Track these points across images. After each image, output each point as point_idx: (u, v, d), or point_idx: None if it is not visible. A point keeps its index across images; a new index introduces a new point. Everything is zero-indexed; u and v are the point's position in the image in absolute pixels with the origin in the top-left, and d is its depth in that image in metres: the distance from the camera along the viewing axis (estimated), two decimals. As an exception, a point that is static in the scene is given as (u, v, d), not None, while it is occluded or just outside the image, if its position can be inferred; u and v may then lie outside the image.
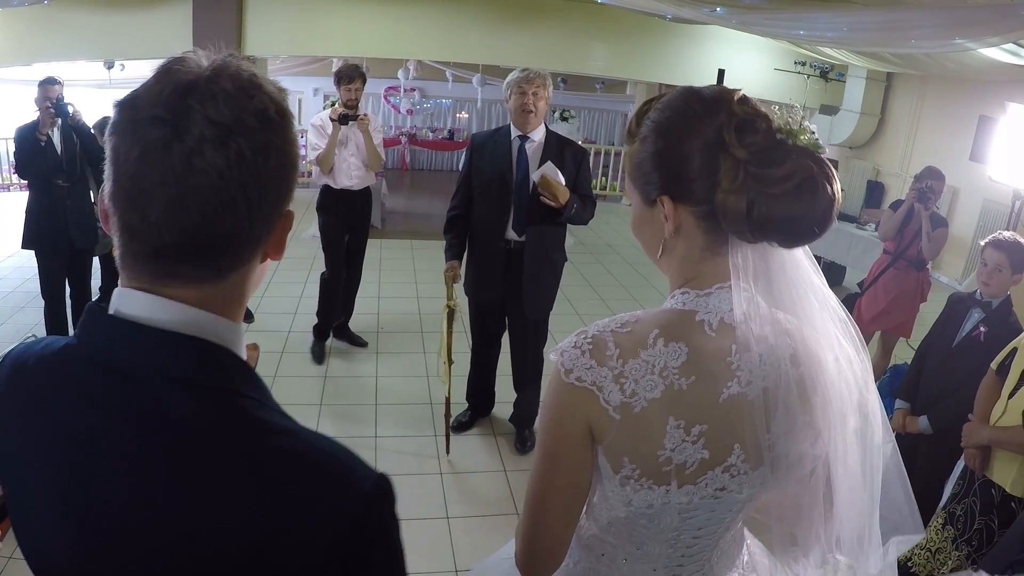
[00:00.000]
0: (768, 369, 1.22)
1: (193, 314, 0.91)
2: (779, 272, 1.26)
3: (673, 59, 11.63)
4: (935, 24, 5.26)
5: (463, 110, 17.89)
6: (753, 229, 1.18)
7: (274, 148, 0.91)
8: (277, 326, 6.38)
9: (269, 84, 0.94)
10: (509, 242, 4.38)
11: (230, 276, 0.94)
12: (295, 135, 0.96)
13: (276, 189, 0.93)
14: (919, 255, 5.42)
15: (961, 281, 9.04)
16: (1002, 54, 6.08)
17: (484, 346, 4.84)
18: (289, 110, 0.96)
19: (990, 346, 3.54)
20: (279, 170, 0.92)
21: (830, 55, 9.76)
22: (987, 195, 8.94)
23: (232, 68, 0.92)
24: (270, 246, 0.98)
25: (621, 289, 8.28)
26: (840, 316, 1.33)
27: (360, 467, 0.95)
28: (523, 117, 4.27)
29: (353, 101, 5.62)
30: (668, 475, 1.24)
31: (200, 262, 0.91)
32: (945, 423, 3.56)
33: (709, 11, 7.00)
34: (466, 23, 10.72)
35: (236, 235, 0.90)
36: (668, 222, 1.25)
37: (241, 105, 0.88)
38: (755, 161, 1.17)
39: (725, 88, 1.27)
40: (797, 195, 1.15)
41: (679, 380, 1.20)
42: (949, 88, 9.86)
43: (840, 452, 1.30)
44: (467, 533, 3.88)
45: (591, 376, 1.22)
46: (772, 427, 1.24)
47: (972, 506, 3.14)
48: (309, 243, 9.01)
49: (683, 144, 1.22)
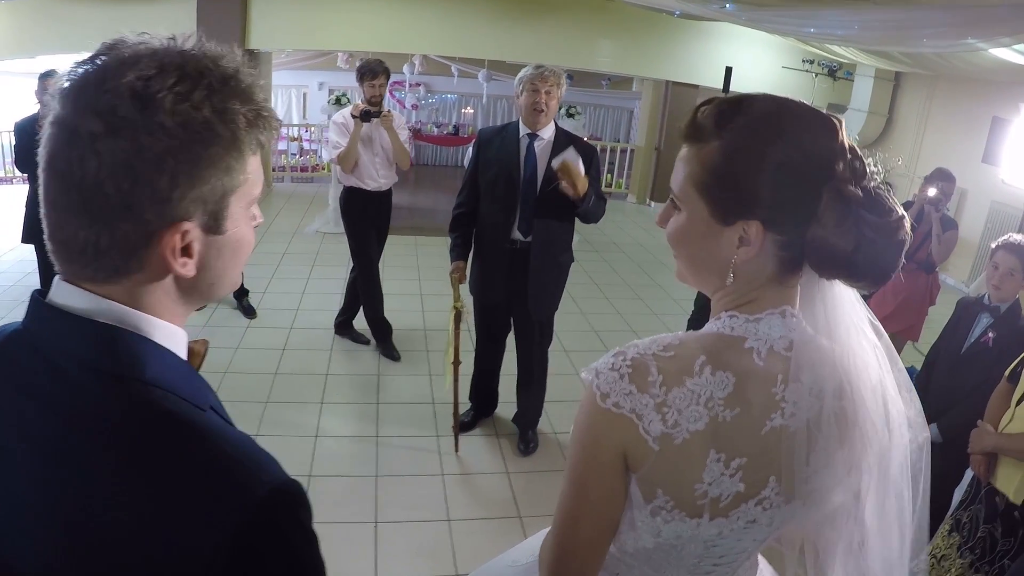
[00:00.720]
0: (813, 400, 1.16)
1: (103, 303, 0.91)
2: (833, 304, 1.21)
3: (681, 56, 11.59)
4: (946, 23, 5.20)
5: (468, 105, 17.86)
6: (851, 270, 1.13)
7: (121, 152, 0.84)
8: (279, 323, 6.33)
9: (136, 76, 0.85)
10: (515, 242, 4.27)
11: (120, 281, 0.91)
12: (180, 132, 0.86)
13: (127, 198, 0.85)
14: (928, 258, 5.37)
15: (968, 283, 8.99)
16: (1013, 55, 6.02)
17: (489, 346, 4.76)
18: (162, 102, 0.85)
19: (999, 352, 3.51)
20: (128, 177, 0.85)
21: (839, 53, 9.71)
22: (995, 197, 8.87)
23: (117, 55, 0.87)
24: (158, 260, 0.91)
25: (626, 288, 8.23)
26: (889, 353, 1.27)
27: (261, 472, 0.89)
28: (534, 115, 4.14)
29: (377, 98, 5.45)
30: (702, 508, 1.17)
31: (71, 260, 0.90)
32: (955, 431, 3.51)
33: (718, 7, 6.95)
34: (472, 18, 10.69)
35: (85, 244, 0.88)
36: (749, 248, 1.16)
37: (88, 102, 0.84)
38: (867, 205, 1.12)
39: (833, 118, 1.19)
40: (899, 245, 1.13)
41: (724, 412, 1.13)
42: (959, 88, 9.79)
43: (874, 487, 1.24)
44: (469, 536, 3.84)
45: (630, 403, 1.13)
46: (811, 460, 1.18)
47: (977, 514, 3.11)
48: (312, 238, 9.01)
49: (805, 176, 1.13)
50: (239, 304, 6.41)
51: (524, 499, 4.17)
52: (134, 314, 0.92)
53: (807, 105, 1.19)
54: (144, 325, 0.92)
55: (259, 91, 0.95)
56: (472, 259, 4.45)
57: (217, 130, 0.89)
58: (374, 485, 4.16)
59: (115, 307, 0.91)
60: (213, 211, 0.93)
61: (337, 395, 5.17)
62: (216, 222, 0.94)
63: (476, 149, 4.41)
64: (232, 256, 0.99)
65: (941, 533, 3.24)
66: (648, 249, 10.07)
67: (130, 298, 0.92)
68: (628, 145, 14.19)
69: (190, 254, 0.93)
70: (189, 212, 0.89)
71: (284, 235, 9.05)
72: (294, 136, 14.57)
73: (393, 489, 4.12)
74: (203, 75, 0.88)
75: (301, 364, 5.60)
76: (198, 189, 0.89)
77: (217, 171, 0.90)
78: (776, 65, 11.40)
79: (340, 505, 3.95)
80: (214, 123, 0.88)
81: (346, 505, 3.96)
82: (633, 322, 7.14)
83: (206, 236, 0.94)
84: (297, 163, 13.49)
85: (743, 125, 1.15)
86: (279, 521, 0.89)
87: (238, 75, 0.92)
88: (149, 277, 0.92)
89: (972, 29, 5.10)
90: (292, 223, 9.66)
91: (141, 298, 0.93)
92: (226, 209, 0.94)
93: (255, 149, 0.96)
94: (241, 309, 6.39)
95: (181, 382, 0.93)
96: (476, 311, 4.63)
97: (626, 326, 7.02)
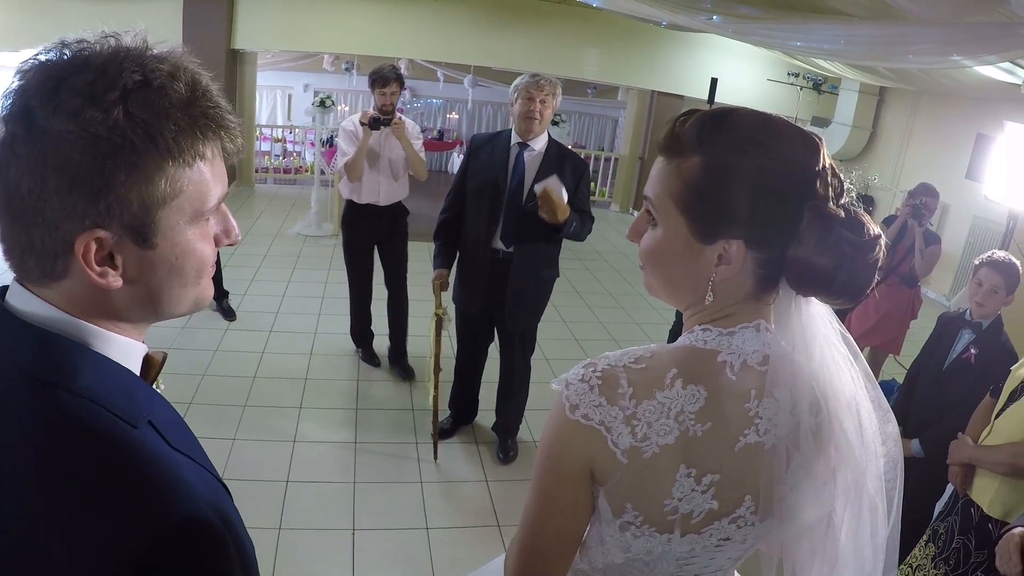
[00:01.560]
0: (788, 417, 1.14)
1: (44, 308, 0.90)
2: (808, 320, 1.19)
3: (666, 66, 11.63)
4: (933, 40, 5.22)
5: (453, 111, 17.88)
6: (830, 288, 1.13)
7: (32, 156, 0.83)
8: (259, 325, 6.27)
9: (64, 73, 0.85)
10: (497, 251, 4.22)
11: (51, 286, 0.90)
12: (81, 140, 0.83)
13: (39, 203, 0.85)
14: (911, 272, 5.39)
15: (949, 297, 9.04)
16: (997, 72, 6.07)
17: (470, 354, 4.72)
18: (68, 104, 0.83)
19: (981, 368, 3.54)
20: (37, 182, 0.84)
21: (824, 67, 9.77)
22: (977, 212, 8.94)
23: (55, 54, 0.87)
24: (80, 269, 0.88)
25: (608, 296, 8.22)
26: (863, 370, 1.26)
27: (174, 501, 0.85)
28: (527, 124, 4.07)
29: (388, 107, 5.15)
30: (672, 524, 1.15)
31: (13, 264, 0.91)
32: (937, 446, 3.51)
33: (705, 19, 6.96)
34: (459, 24, 10.69)
35: (14, 246, 0.89)
36: (730, 267, 1.14)
37: (14, 104, 0.85)
38: (847, 223, 1.12)
39: (815, 137, 1.19)
40: (875, 263, 1.13)
41: (695, 426, 1.11)
42: (943, 104, 9.88)
43: (849, 503, 1.22)
44: (446, 544, 3.80)
45: (599, 415, 1.12)
46: (787, 478, 1.16)
47: (953, 525, 3.13)
48: (294, 241, 8.95)
49: (784, 194, 1.12)
50: (219, 306, 6.34)
51: (503, 507, 4.14)
52: (73, 322, 0.90)
53: (789, 122, 1.18)
54: (83, 333, 0.91)
55: (205, 96, 0.91)
56: (456, 266, 4.40)
57: (129, 136, 0.84)
58: (352, 492, 4.11)
59: (54, 313, 0.90)
60: (134, 223, 0.88)
61: (316, 400, 5.12)
62: (142, 235, 0.89)
63: (467, 155, 4.37)
64: (172, 273, 0.94)
65: (920, 544, 3.26)
66: (630, 258, 10.07)
67: (68, 305, 0.91)
68: (612, 154, 14.20)
69: (114, 265, 0.89)
70: (103, 221, 0.86)
71: (266, 237, 8.98)
72: (278, 137, 14.50)
73: (371, 496, 4.08)
74: (121, 76, 0.84)
75: (280, 368, 5.54)
76: (107, 198, 0.85)
77: (131, 180, 0.86)
78: (761, 77, 11.46)
79: (317, 512, 3.90)
80: (125, 129, 0.84)
81: (323, 512, 3.91)
82: (614, 331, 7.13)
83: (137, 249, 0.90)
84: (280, 164, 13.40)
85: (727, 141, 1.12)
86: (177, 557, 0.84)
87: (175, 76, 0.88)
88: (78, 285, 0.90)
89: (958, 47, 5.13)
90: (274, 225, 9.59)
91: (78, 305, 0.91)
92: (153, 222, 0.89)
93: (193, 158, 0.90)
94: (221, 311, 6.32)
95: (116, 394, 0.90)
96: (458, 318, 4.59)
97: (607, 335, 7.01)
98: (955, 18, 4.75)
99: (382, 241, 5.46)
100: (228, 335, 6.00)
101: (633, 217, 12.71)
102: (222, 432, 4.49)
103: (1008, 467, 2.94)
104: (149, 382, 1.01)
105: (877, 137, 11.22)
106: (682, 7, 6.89)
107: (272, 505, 3.89)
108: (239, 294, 6.81)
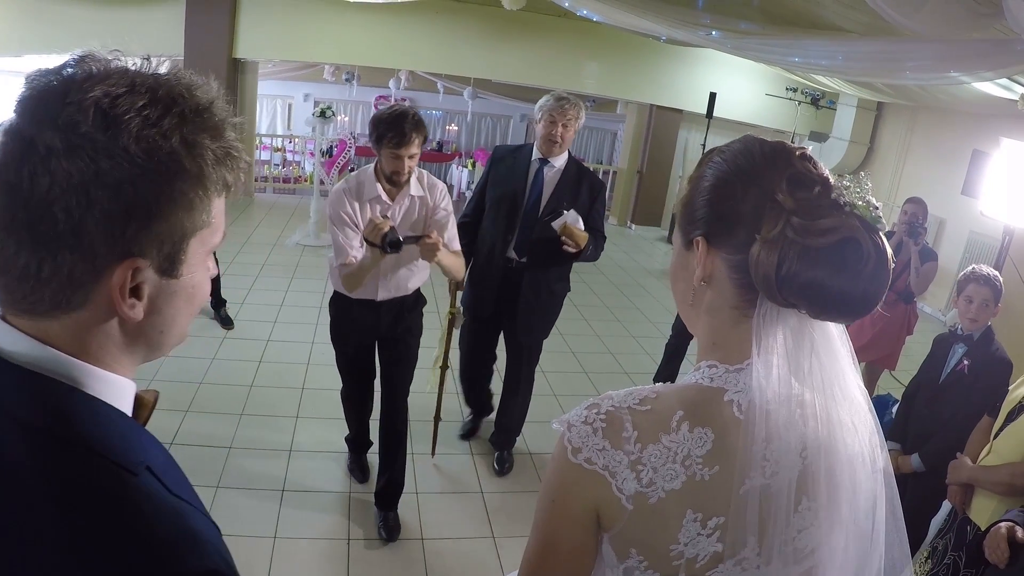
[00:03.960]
0: (796, 459, 1.11)
1: (34, 348, 0.82)
2: (808, 346, 1.14)
3: (665, 81, 11.68)
4: (931, 56, 5.25)
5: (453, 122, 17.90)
6: (780, 286, 1.07)
7: (77, 173, 0.77)
8: (256, 334, 6.26)
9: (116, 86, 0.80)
10: (510, 260, 4.33)
11: (59, 317, 0.83)
12: (148, 157, 0.80)
13: (77, 225, 0.78)
14: (907, 288, 5.39)
15: (945, 312, 9.05)
16: (995, 88, 6.10)
17: (478, 357, 4.82)
18: (128, 125, 0.79)
19: (975, 378, 3.60)
20: (80, 202, 0.77)
21: (822, 82, 9.80)
22: (973, 227, 8.96)
23: (86, 67, 0.81)
24: (108, 297, 0.83)
25: (605, 310, 8.22)
26: (866, 408, 1.22)
27: (184, 558, 0.80)
28: (548, 146, 4.21)
29: (402, 176, 3.53)
30: (677, 568, 1.12)
31: (8, 289, 0.82)
32: (936, 458, 3.55)
33: (704, 34, 6.99)
34: (460, 36, 10.72)
35: (24, 271, 0.80)
36: (699, 266, 1.15)
37: (48, 115, 0.77)
38: (800, 212, 1.07)
39: (788, 143, 1.19)
40: (833, 256, 1.05)
41: (702, 471, 1.08)
42: (940, 120, 9.91)
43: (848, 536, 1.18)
44: (441, 555, 3.80)
45: (603, 459, 1.09)
46: (794, 520, 1.13)
47: (949, 542, 3.15)
48: (292, 250, 8.95)
49: (735, 186, 1.13)
50: (216, 314, 6.34)
51: (498, 519, 4.13)
52: (69, 362, 0.83)
53: (775, 140, 1.20)
54: (79, 375, 0.84)
55: (231, 128, 0.89)
56: (468, 270, 4.42)
57: (184, 163, 0.82)
58: (347, 502, 4.11)
59: (48, 353, 0.83)
60: (170, 252, 0.85)
61: (313, 410, 5.11)
62: (172, 264, 0.86)
63: (489, 165, 4.48)
64: (185, 303, 0.92)
65: (919, 560, 3.27)
66: (628, 272, 10.08)
67: (70, 338, 0.84)
68: (611, 167, 14.23)
69: (139, 296, 0.85)
70: (144, 249, 0.82)
71: (264, 246, 8.98)
72: (278, 147, 14.53)
73: (367, 507, 4.06)
74: (175, 102, 0.82)
75: (277, 377, 5.54)
76: (156, 225, 0.82)
77: (178, 208, 0.83)
78: (760, 92, 11.50)
79: (312, 522, 3.90)
80: (181, 155, 0.82)
81: (319, 522, 3.91)
82: (611, 345, 7.12)
83: (160, 279, 0.86)
84: (280, 174, 13.42)
85: (713, 163, 1.18)
86: None
87: (212, 108, 0.86)
88: (93, 317, 0.84)
89: (955, 63, 5.15)
90: (272, 234, 9.59)
91: (81, 340, 0.84)
92: (184, 252, 0.87)
93: (220, 190, 0.89)
94: (219, 319, 6.32)
95: (113, 440, 0.83)
96: (468, 322, 4.66)
97: (604, 348, 7.00)
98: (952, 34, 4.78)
99: (384, 338, 3.93)
100: (225, 343, 6.00)
101: (632, 231, 12.75)
102: (218, 441, 4.49)
103: (1007, 487, 2.95)
104: (141, 423, 0.95)
105: (874, 152, 11.26)
106: (681, 22, 6.91)
107: (267, 514, 3.88)
108: (237, 303, 6.80)
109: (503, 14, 10.19)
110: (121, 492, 0.80)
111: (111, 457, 0.81)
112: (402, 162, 3.45)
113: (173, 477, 0.89)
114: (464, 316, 4.52)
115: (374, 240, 3.29)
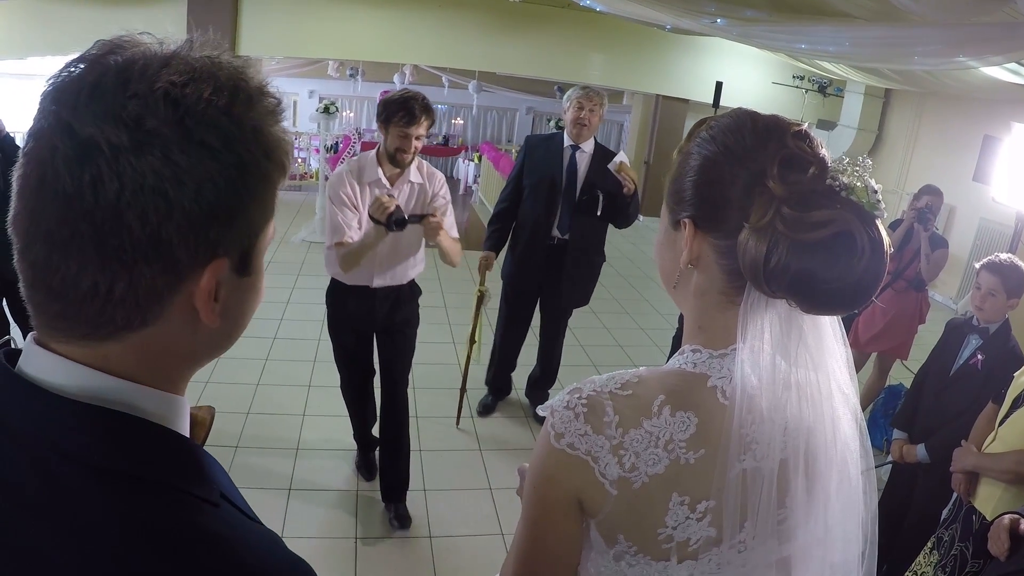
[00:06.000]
0: (787, 440, 1.10)
1: (94, 378, 0.72)
2: (797, 336, 1.10)
3: (671, 70, 11.61)
4: (938, 41, 5.19)
5: (458, 116, 17.89)
6: (768, 278, 1.02)
7: (151, 174, 0.67)
8: (262, 332, 6.25)
9: (185, 73, 0.70)
10: (553, 238, 4.86)
11: (126, 338, 0.72)
12: (221, 154, 0.71)
13: (156, 232, 0.68)
14: (918, 276, 5.33)
15: (957, 300, 8.99)
16: (1004, 73, 6.03)
17: (512, 331, 5.27)
18: (204, 115, 0.70)
19: (987, 374, 3.49)
20: (159, 206, 0.68)
21: (829, 69, 9.73)
22: (984, 214, 8.89)
23: (132, 55, 0.71)
24: (185, 305, 0.74)
25: (613, 302, 8.19)
26: (853, 401, 1.19)
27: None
28: (578, 129, 4.72)
29: (407, 155, 3.60)
30: (668, 551, 1.11)
31: (64, 315, 0.71)
32: (943, 452, 3.47)
33: (709, 22, 6.93)
34: (464, 29, 10.68)
35: (90, 291, 0.69)
36: (685, 249, 1.12)
37: (108, 109, 0.67)
38: (791, 200, 1.02)
39: (784, 118, 1.13)
40: (824, 251, 1.00)
41: (686, 454, 1.07)
42: (948, 106, 9.83)
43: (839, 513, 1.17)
44: (450, 552, 3.78)
45: (585, 444, 1.08)
46: (787, 502, 1.12)
47: (955, 532, 3.10)
48: (298, 247, 8.95)
49: (723, 168, 1.08)
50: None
51: (506, 515, 4.11)
52: (134, 389, 0.74)
53: (768, 115, 1.14)
54: (144, 402, 0.74)
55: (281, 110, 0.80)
56: (508, 249, 5.00)
57: (257, 152, 0.74)
58: (355, 500, 4.09)
59: (109, 383, 0.72)
60: (246, 248, 0.78)
61: (319, 407, 5.11)
62: (246, 261, 0.79)
63: (523, 154, 5.00)
64: (252, 300, 0.84)
65: (925, 551, 3.23)
66: (636, 263, 10.04)
67: (133, 359, 0.74)
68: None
69: (218, 299, 0.76)
70: (228, 248, 0.75)
71: (270, 243, 8.95)
72: (283, 144, 14.51)
73: (375, 505, 4.05)
74: (239, 87, 0.73)
75: (284, 375, 5.54)
76: (238, 222, 0.74)
77: (255, 201, 0.76)
78: (766, 80, 11.43)
79: (320, 520, 3.89)
80: (255, 143, 0.74)
81: (326, 520, 3.90)
82: (620, 337, 7.09)
83: (235, 278, 0.78)
84: (285, 171, 13.41)
85: (700, 137, 1.14)
86: None
87: (267, 89, 0.77)
88: (164, 331, 0.74)
89: (964, 47, 5.09)
90: (278, 231, 9.49)
91: (146, 359, 0.75)
92: (256, 246, 0.80)
93: (280, 176, 0.80)
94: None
95: (190, 473, 0.75)
96: (508, 296, 5.15)
97: (613, 341, 6.98)
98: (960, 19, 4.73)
99: (380, 330, 3.97)
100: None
101: (640, 222, 12.70)
102: (225, 439, 4.47)
103: (1012, 475, 2.92)
104: (199, 444, 0.86)
105: (883, 140, 11.18)
106: (686, 10, 6.86)
107: (275, 512, 3.87)
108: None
109: (506, 6, 10.15)
110: (220, 528, 0.73)
111: (192, 491, 0.73)
112: (409, 141, 3.51)
113: (239, 498, 0.83)
114: (490, 294, 4.90)
115: (379, 217, 3.34)
